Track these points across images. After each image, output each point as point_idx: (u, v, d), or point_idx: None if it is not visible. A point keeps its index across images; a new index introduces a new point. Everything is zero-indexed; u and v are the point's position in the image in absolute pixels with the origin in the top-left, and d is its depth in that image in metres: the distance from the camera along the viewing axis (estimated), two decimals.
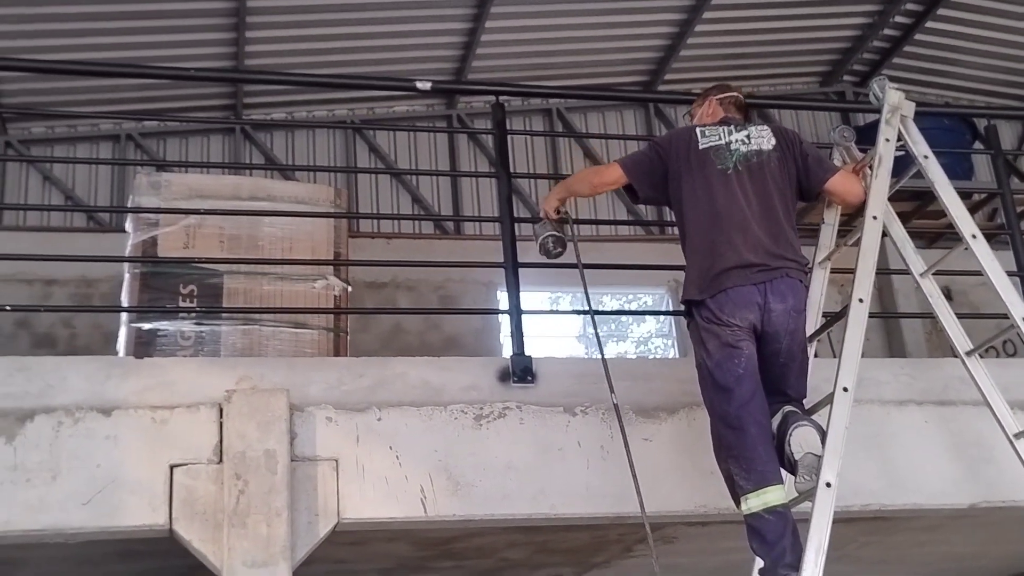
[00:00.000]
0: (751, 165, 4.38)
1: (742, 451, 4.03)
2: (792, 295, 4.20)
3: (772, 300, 4.14)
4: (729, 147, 4.42)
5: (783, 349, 4.20)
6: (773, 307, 4.14)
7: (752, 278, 4.15)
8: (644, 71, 11.17)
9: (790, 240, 4.33)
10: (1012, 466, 4.45)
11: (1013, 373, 4.95)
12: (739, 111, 4.69)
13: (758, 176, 4.37)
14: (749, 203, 4.30)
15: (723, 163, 4.38)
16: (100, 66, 6.63)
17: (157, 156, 10.26)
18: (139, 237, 5.50)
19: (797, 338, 4.25)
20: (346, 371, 4.57)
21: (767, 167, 4.40)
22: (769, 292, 4.14)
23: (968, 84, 11.90)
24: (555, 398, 4.67)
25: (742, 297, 4.13)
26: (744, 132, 4.48)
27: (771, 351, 4.19)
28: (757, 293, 4.14)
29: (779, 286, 4.17)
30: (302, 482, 4.20)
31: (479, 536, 5.32)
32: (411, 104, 10.99)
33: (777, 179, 4.40)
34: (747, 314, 4.13)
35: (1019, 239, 5.63)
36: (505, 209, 5.25)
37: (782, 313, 4.16)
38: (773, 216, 4.31)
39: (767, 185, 4.36)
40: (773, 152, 4.44)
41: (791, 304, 4.19)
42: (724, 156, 4.40)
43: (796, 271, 4.25)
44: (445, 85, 10.64)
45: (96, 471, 4.07)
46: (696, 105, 4.83)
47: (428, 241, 10.36)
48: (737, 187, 4.32)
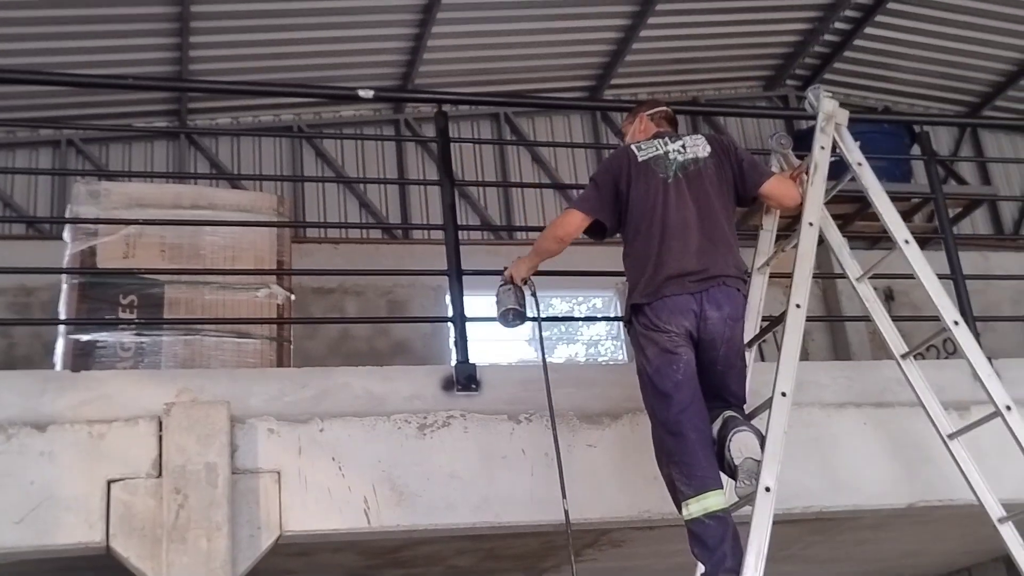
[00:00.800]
0: (689, 173, 4.43)
1: (682, 457, 4.07)
2: (728, 303, 4.24)
3: (708, 308, 4.18)
4: (667, 156, 4.47)
5: (720, 357, 4.24)
6: (709, 315, 4.18)
7: (689, 287, 4.19)
8: (591, 76, 11.21)
9: (730, 246, 4.38)
10: (947, 466, 4.53)
11: (947, 375, 5.04)
12: (670, 124, 4.75)
13: (696, 184, 4.41)
14: (689, 211, 4.35)
15: (664, 171, 4.42)
16: (40, 74, 6.54)
17: (99, 162, 10.13)
18: (78, 247, 5.43)
19: (734, 346, 4.29)
20: (288, 382, 4.56)
21: (704, 174, 4.45)
22: (705, 300, 4.19)
23: (906, 88, 12.08)
24: (499, 406, 4.68)
25: (678, 305, 4.18)
26: (679, 142, 4.54)
27: (708, 359, 4.23)
28: (693, 301, 4.18)
29: (715, 295, 4.21)
30: (244, 495, 4.18)
31: (426, 544, 5.31)
32: (358, 109, 10.95)
33: (715, 185, 4.45)
34: (683, 321, 4.17)
35: (952, 242, 5.73)
36: (449, 217, 5.25)
37: (718, 321, 4.20)
38: (713, 223, 4.36)
39: (706, 192, 4.41)
40: (710, 159, 4.50)
41: (727, 312, 4.23)
42: (664, 165, 4.45)
43: (733, 280, 4.30)
44: (388, 93, 10.62)
45: (30, 488, 4.02)
46: (627, 123, 4.87)
47: (376, 246, 10.32)
48: (676, 195, 4.37)
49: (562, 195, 11.28)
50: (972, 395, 4.95)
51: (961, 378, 5.03)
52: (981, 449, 4.55)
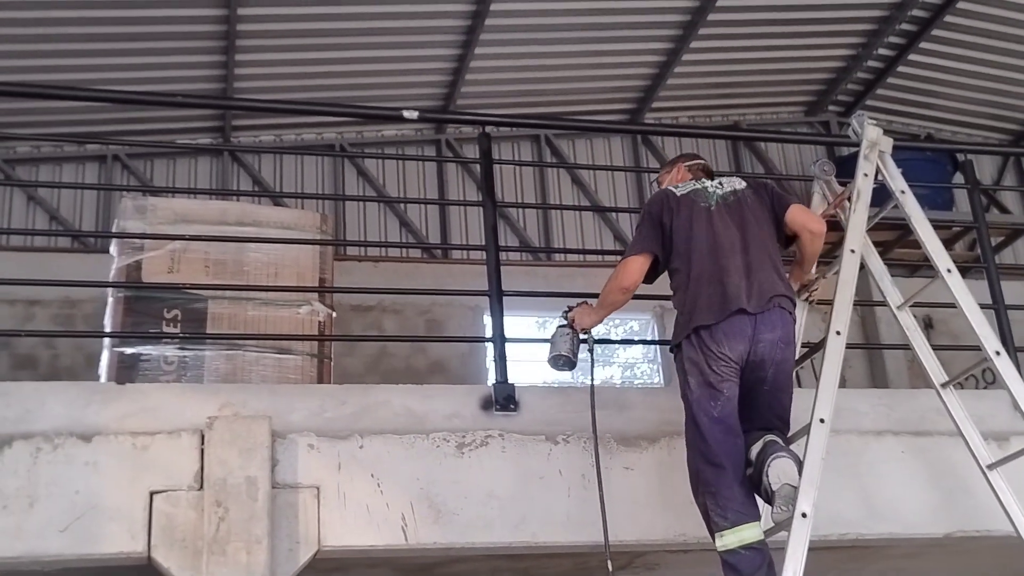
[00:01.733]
0: (730, 203, 4.50)
1: (719, 488, 4.08)
2: (782, 326, 4.25)
3: (762, 330, 4.19)
4: (706, 189, 4.56)
5: (768, 378, 4.25)
6: (763, 337, 4.19)
7: (745, 307, 4.20)
8: (632, 99, 11.24)
9: (778, 270, 4.41)
10: (986, 496, 4.51)
11: (987, 405, 5.01)
12: (706, 176, 4.77)
13: (738, 211, 4.47)
14: (735, 235, 4.39)
15: (705, 201, 4.49)
16: (88, 90, 6.65)
17: (144, 177, 10.26)
18: (124, 261, 5.51)
19: (784, 368, 4.30)
20: (329, 398, 4.60)
21: (745, 203, 4.51)
22: (760, 322, 4.20)
23: (950, 116, 12.02)
24: (537, 426, 4.70)
25: (734, 327, 4.18)
26: (715, 181, 4.64)
27: (756, 379, 4.24)
28: (749, 323, 4.19)
29: (770, 316, 4.22)
30: (283, 509, 4.22)
31: (461, 563, 5.32)
32: (400, 128, 11.05)
33: (756, 213, 4.50)
34: (737, 344, 4.17)
35: (994, 272, 5.69)
36: (491, 238, 5.28)
37: (770, 344, 4.21)
38: (760, 246, 4.40)
39: (749, 219, 4.46)
40: (747, 190, 4.58)
41: (779, 335, 4.24)
42: (704, 196, 4.52)
43: (786, 301, 4.32)
44: (432, 115, 10.69)
45: (75, 498, 4.07)
46: (664, 172, 4.93)
47: (415, 265, 10.38)
48: (721, 221, 4.42)
49: (601, 218, 11.32)
50: (1012, 426, 4.93)
51: (1001, 408, 5.01)
52: (1021, 480, 4.51)
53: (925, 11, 10.47)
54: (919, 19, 10.59)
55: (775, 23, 10.38)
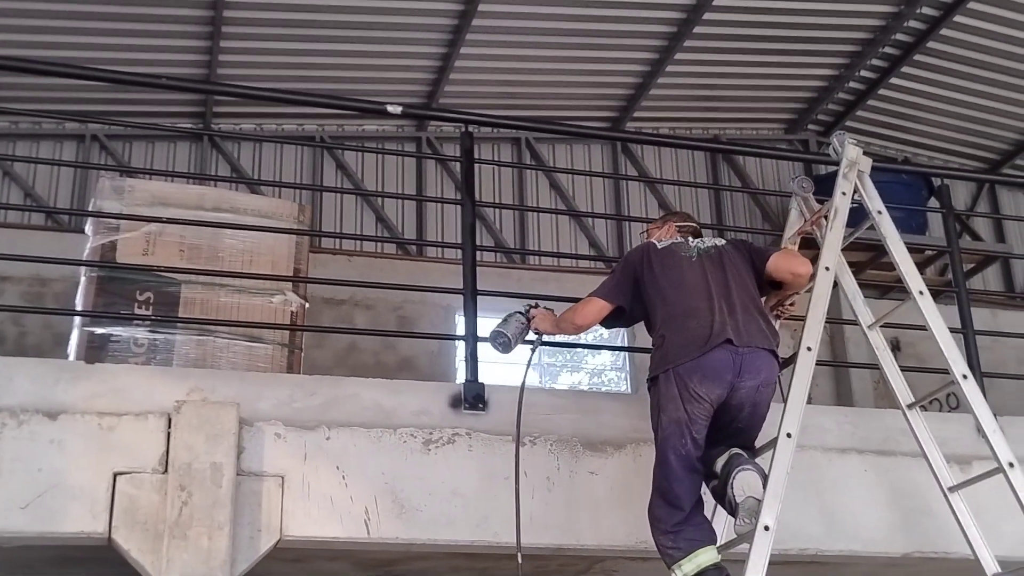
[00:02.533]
0: (711, 255, 4.55)
1: (672, 526, 4.13)
2: (766, 369, 4.25)
3: (745, 376, 4.18)
4: (688, 243, 4.63)
5: (743, 417, 4.28)
6: (744, 384, 4.18)
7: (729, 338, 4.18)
8: (614, 107, 11.28)
9: (763, 312, 4.45)
10: (946, 518, 4.58)
11: (951, 428, 5.08)
12: (693, 236, 4.79)
13: (719, 261, 4.52)
14: (718, 279, 4.43)
15: (686, 252, 4.55)
16: (71, 68, 6.60)
17: (122, 159, 10.21)
18: (98, 241, 5.48)
19: (759, 410, 4.31)
20: (298, 388, 4.60)
21: (725, 254, 4.57)
22: (743, 366, 4.18)
23: (927, 141, 12.13)
24: (505, 427, 4.70)
25: (715, 364, 4.16)
26: (697, 240, 4.70)
27: (730, 418, 4.26)
28: (730, 361, 4.16)
29: (754, 359, 4.20)
30: (247, 497, 4.21)
31: (422, 560, 5.32)
32: (381, 124, 11.04)
33: (737, 263, 4.55)
34: (715, 388, 4.16)
35: (965, 297, 5.75)
36: (468, 237, 5.30)
37: (751, 390, 4.21)
38: (743, 290, 4.43)
39: (729, 267, 4.51)
40: (727, 246, 4.65)
41: (762, 379, 4.23)
42: (685, 248, 4.58)
43: (770, 343, 4.30)
44: (416, 111, 10.68)
45: (38, 475, 4.05)
46: (654, 227, 4.97)
47: (389, 261, 10.36)
48: (702, 268, 4.47)
49: (577, 223, 11.35)
50: (974, 450, 4.99)
51: (964, 432, 5.08)
52: (981, 504, 4.59)
53: (908, 36, 10.57)
54: (902, 43, 10.68)
55: (760, 39, 10.44)
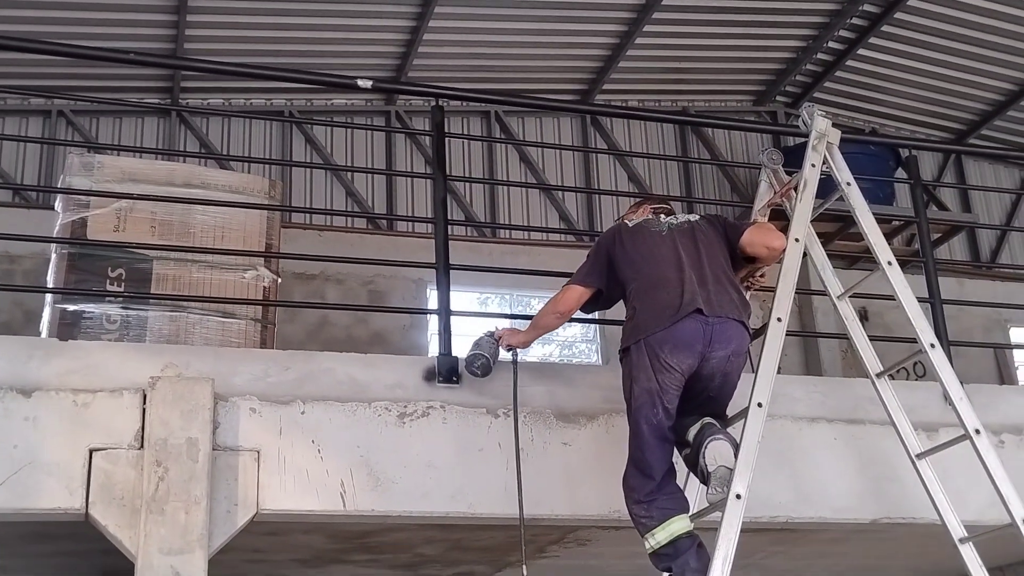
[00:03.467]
0: (683, 229, 4.56)
1: (646, 495, 4.17)
2: (737, 339, 4.28)
3: (715, 345, 4.21)
4: (659, 219, 4.65)
5: (714, 387, 4.32)
6: (715, 353, 4.22)
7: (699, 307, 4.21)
8: (583, 80, 11.29)
9: (734, 284, 4.47)
10: (914, 485, 4.64)
11: (919, 396, 5.15)
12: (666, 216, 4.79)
13: (691, 235, 4.53)
14: (690, 252, 4.45)
15: (657, 227, 4.57)
16: (37, 43, 6.52)
17: (89, 134, 10.12)
18: (68, 217, 5.45)
19: (731, 379, 4.36)
20: (272, 363, 4.60)
21: (698, 229, 4.58)
22: (714, 335, 4.21)
23: (894, 112, 12.22)
24: (479, 399, 4.74)
25: (686, 334, 4.19)
26: (670, 216, 4.72)
27: (702, 387, 4.30)
28: (702, 333, 4.19)
29: (724, 329, 4.24)
30: (223, 471, 4.22)
31: (396, 531, 5.36)
32: (350, 98, 10.99)
33: (710, 237, 4.56)
34: (686, 357, 4.19)
35: (932, 267, 5.82)
36: (439, 211, 5.30)
37: (721, 359, 4.24)
38: (714, 263, 4.45)
39: (701, 240, 4.52)
40: (700, 220, 4.65)
41: (732, 348, 4.26)
42: (656, 224, 4.60)
43: (741, 313, 4.34)
44: (386, 85, 10.65)
45: (13, 452, 4.05)
46: (630, 210, 4.98)
47: (360, 236, 10.34)
48: (674, 242, 4.49)
49: (548, 197, 11.37)
50: (941, 417, 5.07)
51: (932, 400, 5.15)
52: (947, 470, 4.66)
53: (875, 7, 10.63)
54: (869, 14, 10.74)
55: (728, 11, 10.48)
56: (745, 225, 4.73)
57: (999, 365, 11.06)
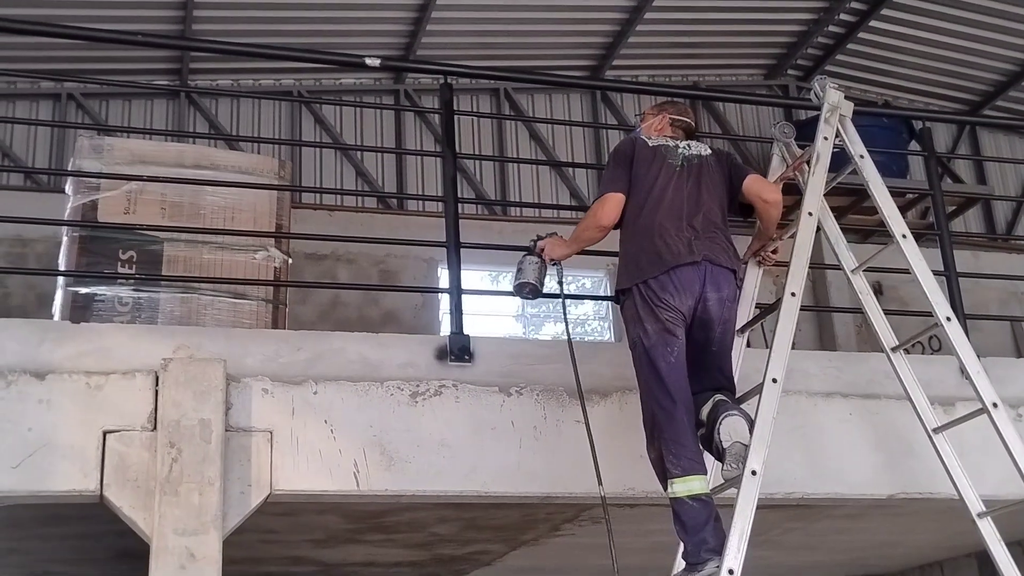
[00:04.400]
0: (692, 166, 4.58)
1: (673, 436, 4.15)
2: (727, 285, 4.35)
3: (709, 289, 4.28)
4: (676, 148, 4.63)
5: (715, 337, 4.33)
6: (709, 296, 4.28)
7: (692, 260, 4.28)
8: (593, 55, 11.22)
9: (726, 235, 4.51)
10: (930, 459, 4.62)
11: (935, 370, 5.11)
12: (685, 136, 4.81)
13: (697, 176, 4.56)
14: (693, 197, 4.49)
15: (673, 159, 4.56)
16: (43, 25, 6.51)
17: (99, 117, 10.10)
18: (79, 200, 5.44)
19: (729, 328, 4.40)
20: (284, 344, 4.60)
21: (705, 169, 4.60)
22: (707, 279, 4.28)
23: (908, 84, 12.10)
24: (491, 378, 4.73)
25: (685, 279, 4.26)
26: (685, 143, 4.70)
27: (704, 338, 4.32)
28: (697, 279, 4.27)
29: (716, 275, 4.31)
30: (236, 452, 4.23)
31: (410, 511, 5.37)
32: (358, 77, 10.94)
33: (714, 178, 4.60)
34: (686, 299, 4.26)
35: (947, 239, 5.78)
36: (449, 189, 5.29)
37: (716, 302, 4.30)
38: (712, 211, 4.50)
39: (705, 183, 4.56)
40: (711, 157, 4.66)
41: (725, 294, 4.34)
42: (673, 154, 4.59)
43: (730, 260, 4.41)
44: (395, 63, 10.59)
45: (27, 435, 4.06)
46: (649, 112, 4.94)
47: (370, 215, 10.31)
48: (682, 181, 4.51)
49: (558, 173, 11.32)
50: (958, 391, 5.03)
51: (948, 374, 5.12)
52: (965, 445, 4.64)
53: None
54: None
55: None
56: (749, 171, 4.76)
57: (1016, 338, 10.98)
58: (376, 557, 6.80)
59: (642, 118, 4.96)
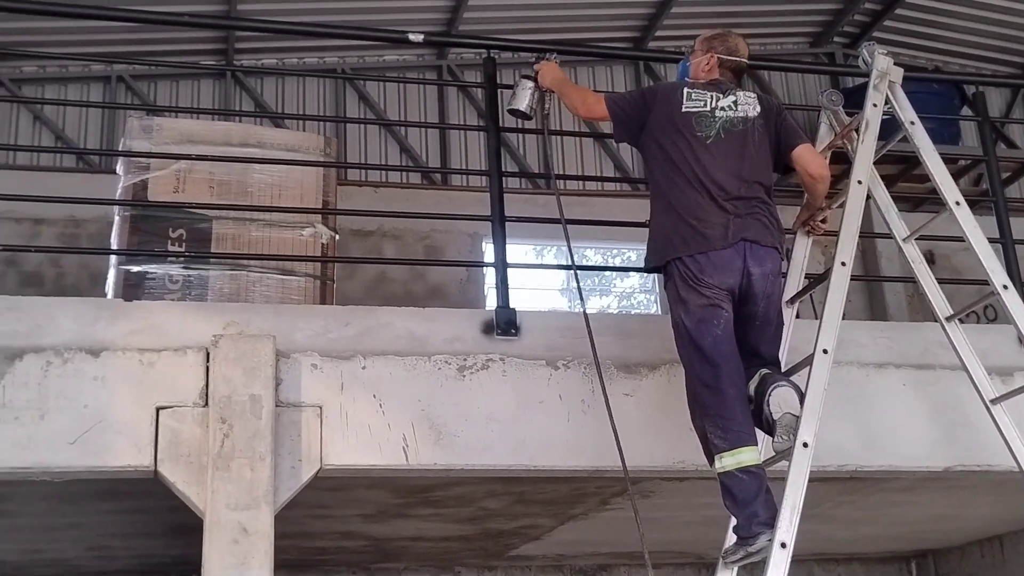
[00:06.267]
0: (735, 132, 4.39)
1: (719, 410, 4.08)
2: (770, 260, 4.25)
3: (751, 264, 4.19)
4: (714, 113, 4.41)
5: (759, 312, 4.25)
6: (752, 271, 4.19)
7: (732, 241, 4.18)
8: (635, 27, 11.12)
9: (768, 204, 4.36)
10: (988, 431, 4.53)
11: (991, 339, 5.03)
12: (735, 76, 4.64)
13: (739, 142, 4.37)
14: (729, 168, 4.31)
15: (704, 130, 4.37)
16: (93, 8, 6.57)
17: (148, 98, 10.19)
18: (130, 180, 5.49)
19: (773, 302, 4.31)
20: (332, 319, 4.62)
21: (750, 135, 4.41)
22: (748, 255, 4.19)
23: (958, 48, 11.86)
24: (538, 351, 4.72)
25: (723, 260, 4.17)
26: (731, 98, 4.47)
27: (748, 313, 4.24)
28: (737, 256, 4.18)
29: (757, 251, 4.21)
30: (286, 427, 4.26)
31: (459, 485, 5.39)
32: (401, 54, 10.93)
33: (757, 146, 4.41)
34: (727, 278, 4.17)
35: (1003, 206, 5.66)
36: (493, 163, 5.29)
37: (760, 277, 4.21)
38: (753, 185, 4.34)
39: (748, 151, 4.38)
40: (758, 119, 4.46)
41: (768, 268, 4.24)
42: (707, 123, 4.38)
43: (772, 239, 4.28)
44: (437, 38, 10.56)
45: (84, 411, 4.12)
46: (699, 49, 4.69)
47: (415, 191, 10.35)
48: (717, 153, 4.33)
49: (601, 146, 11.26)
50: (1017, 361, 4.96)
51: (1006, 343, 5.04)
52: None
53: None
54: None
55: None
56: (799, 140, 4.55)
57: None
58: (425, 532, 6.85)
59: (692, 52, 4.74)
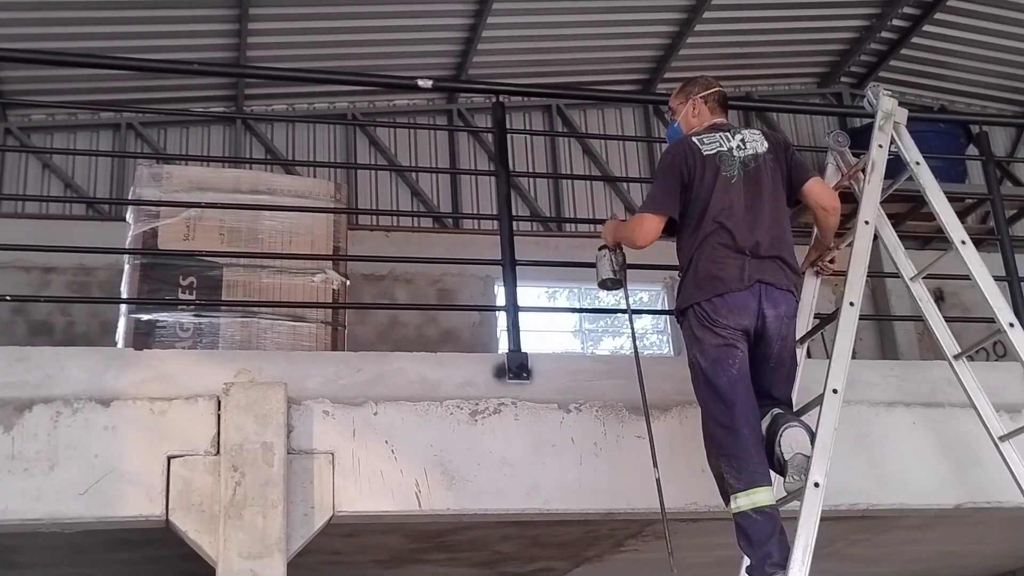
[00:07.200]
0: (749, 171, 4.40)
1: (734, 450, 4.08)
2: (784, 303, 4.26)
3: (766, 306, 4.20)
4: (731, 153, 4.42)
5: (774, 354, 4.26)
6: (767, 313, 4.20)
7: (748, 284, 4.19)
8: (644, 69, 11.21)
9: (787, 244, 4.37)
10: (997, 468, 4.53)
11: (999, 376, 5.02)
12: (723, 109, 4.66)
13: (755, 181, 4.38)
14: (749, 209, 4.32)
15: (728, 170, 4.37)
16: (103, 58, 6.66)
17: (158, 145, 10.28)
18: (140, 228, 5.54)
19: (787, 344, 4.32)
20: (344, 365, 4.62)
21: (763, 172, 4.42)
22: (764, 298, 4.20)
23: (963, 88, 11.95)
24: (550, 395, 4.72)
25: (738, 302, 4.18)
26: (739, 137, 4.49)
27: (762, 355, 4.25)
28: (752, 298, 4.19)
29: (772, 293, 4.22)
30: (298, 475, 4.26)
31: (473, 529, 5.37)
32: (412, 98, 11.03)
33: (772, 183, 4.43)
34: (742, 320, 4.18)
35: (1008, 244, 5.69)
36: (504, 208, 5.30)
37: (775, 319, 4.22)
38: (772, 220, 4.35)
39: (765, 190, 4.39)
40: (767, 154, 4.47)
41: (783, 311, 4.25)
42: (728, 163, 4.39)
43: (788, 282, 4.29)
44: (446, 84, 10.68)
45: (94, 461, 4.12)
46: (677, 102, 4.73)
47: (426, 235, 10.38)
48: (739, 194, 4.34)
49: (612, 188, 11.31)
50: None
51: (1013, 380, 5.02)
52: None
53: None
54: None
55: None
56: (809, 173, 4.57)
57: None
58: None
59: (672, 113, 4.76)
